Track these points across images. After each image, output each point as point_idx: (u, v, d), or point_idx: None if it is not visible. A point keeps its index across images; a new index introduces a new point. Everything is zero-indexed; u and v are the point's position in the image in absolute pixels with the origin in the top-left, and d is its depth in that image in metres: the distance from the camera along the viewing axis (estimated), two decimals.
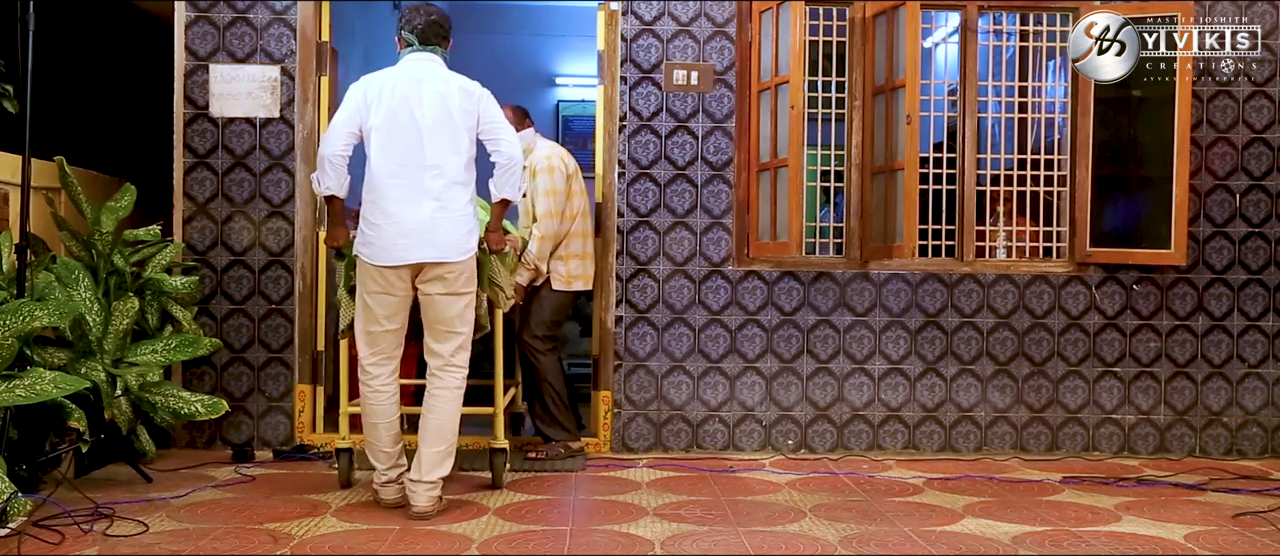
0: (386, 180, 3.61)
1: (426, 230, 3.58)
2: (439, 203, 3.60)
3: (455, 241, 3.62)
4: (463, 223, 3.64)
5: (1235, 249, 4.99)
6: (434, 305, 3.66)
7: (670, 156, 4.87)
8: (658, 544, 3.31)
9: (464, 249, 3.64)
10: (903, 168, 4.57)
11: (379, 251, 3.61)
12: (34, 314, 3.50)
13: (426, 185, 3.60)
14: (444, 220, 3.60)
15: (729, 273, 4.88)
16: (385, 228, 3.60)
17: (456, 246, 3.62)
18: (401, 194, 3.60)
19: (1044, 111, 5.08)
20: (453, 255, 3.61)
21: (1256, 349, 4.99)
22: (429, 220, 3.58)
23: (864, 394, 4.91)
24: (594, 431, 4.90)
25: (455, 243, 3.62)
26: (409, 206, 3.59)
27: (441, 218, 3.60)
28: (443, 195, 3.61)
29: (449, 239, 3.61)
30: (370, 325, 3.69)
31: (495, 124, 3.73)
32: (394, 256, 3.59)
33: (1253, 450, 4.99)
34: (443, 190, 3.61)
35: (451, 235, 3.61)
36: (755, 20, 4.83)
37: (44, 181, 4.30)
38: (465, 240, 3.64)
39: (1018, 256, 5.05)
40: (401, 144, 3.60)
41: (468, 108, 3.66)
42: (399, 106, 3.61)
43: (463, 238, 3.64)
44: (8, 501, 3.21)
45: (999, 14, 5.07)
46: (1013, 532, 3.53)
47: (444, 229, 3.60)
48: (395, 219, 3.59)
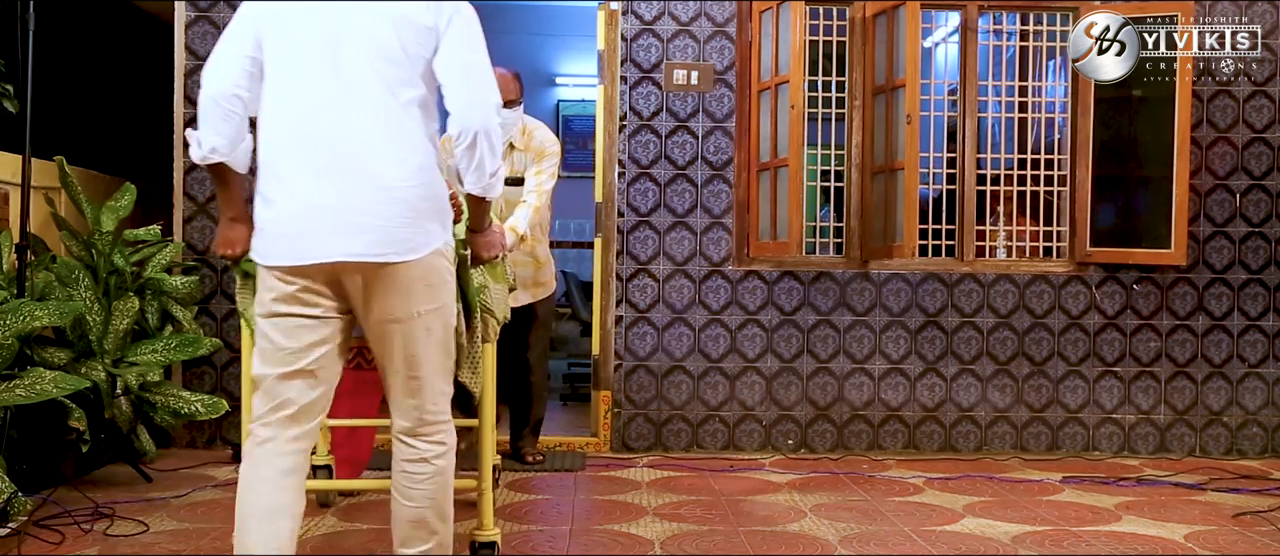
0: (288, 130, 2.30)
1: (355, 210, 2.25)
2: (376, 170, 2.26)
3: (406, 229, 2.28)
4: (418, 200, 2.30)
5: (1235, 249, 4.99)
6: (386, 337, 2.34)
7: (670, 156, 4.87)
8: (658, 544, 3.31)
9: (422, 241, 2.31)
10: (903, 167, 4.57)
11: (276, 243, 2.29)
12: (34, 314, 3.50)
13: (353, 138, 2.27)
14: (385, 196, 2.26)
15: (729, 272, 4.88)
16: (283, 205, 2.28)
17: (408, 239, 2.28)
18: (313, 149, 2.27)
19: (1044, 111, 5.08)
20: (402, 251, 2.28)
21: (1256, 348, 4.99)
22: (359, 195, 2.26)
23: (864, 393, 4.91)
24: (594, 431, 4.90)
25: (406, 232, 2.28)
26: (326, 176, 2.25)
27: (380, 193, 2.26)
28: (382, 156, 2.27)
29: (394, 225, 2.27)
30: (268, 364, 2.32)
31: (462, 57, 2.36)
32: (299, 251, 2.27)
33: (1253, 450, 4.99)
34: (383, 149, 2.27)
35: (398, 217, 2.27)
36: (755, 20, 4.83)
37: (44, 181, 4.30)
38: (423, 227, 2.31)
39: (1018, 256, 5.05)
40: (315, 76, 2.30)
41: (423, 24, 2.32)
42: (312, 25, 2.32)
43: (420, 223, 2.31)
44: (8, 501, 3.21)
45: (999, 14, 5.07)
46: (1013, 532, 3.53)
47: (385, 208, 2.26)
48: (300, 192, 2.26)
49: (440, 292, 2.39)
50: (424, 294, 2.34)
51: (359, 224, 2.25)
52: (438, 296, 2.38)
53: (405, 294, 2.32)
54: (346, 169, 2.26)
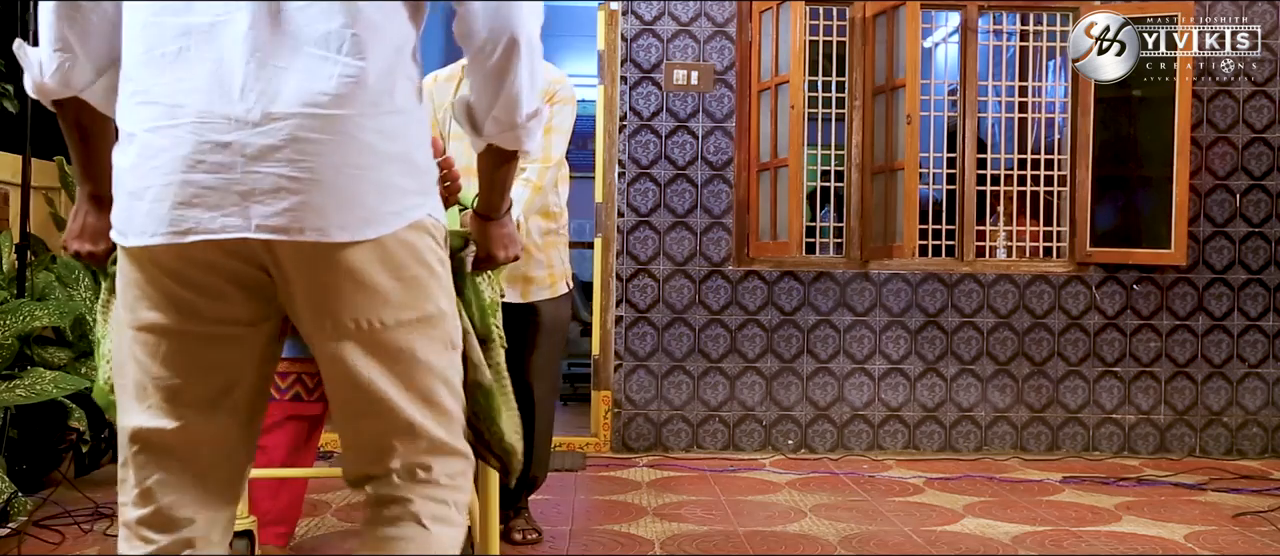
0: (155, 23, 1.39)
1: (268, 154, 1.35)
2: (303, 87, 1.36)
3: (357, 185, 1.38)
4: (381, 140, 1.40)
5: (1235, 249, 4.99)
6: (341, 363, 1.45)
7: (670, 156, 4.87)
8: (658, 544, 3.31)
9: (388, 208, 1.41)
10: (903, 168, 4.58)
11: (138, 210, 1.39)
12: (34, 314, 3.51)
13: (264, 36, 1.36)
14: (319, 129, 1.36)
15: (729, 272, 4.88)
16: (150, 147, 1.37)
17: (360, 203, 1.39)
18: (198, 55, 1.37)
19: (1044, 111, 5.08)
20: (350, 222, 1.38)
21: (1257, 349, 4.99)
22: (276, 129, 1.35)
23: (864, 394, 4.91)
24: (594, 431, 4.91)
25: (357, 190, 1.38)
26: (219, 97, 1.35)
27: (311, 124, 1.35)
28: (313, 66, 1.36)
29: (337, 179, 1.37)
30: (138, 410, 1.46)
31: None
32: (178, 222, 1.36)
33: (1253, 450, 4.99)
34: (315, 49, 1.37)
35: (343, 165, 1.37)
36: (755, 20, 4.83)
37: (44, 181, 4.30)
38: (388, 184, 1.41)
39: (1018, 256, 5.05)
40: None
41: None
42: None
43: (382, 177, 1.40)
44: (8, 501, 3.21)
45: (999, 14, 5.08)
46: (1013, 532, 3.53)
47: (321, 151, 1.36)
48: (176, 125, 1.36)
49: (428, 291, 1.45)
50: (398, 293, 1.41)
51: (277, 178, 1.33)
52: (422, 297, 1.44)
53: (362, 295, 1.40)
54: (254, 87, 1.33)
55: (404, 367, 1.46)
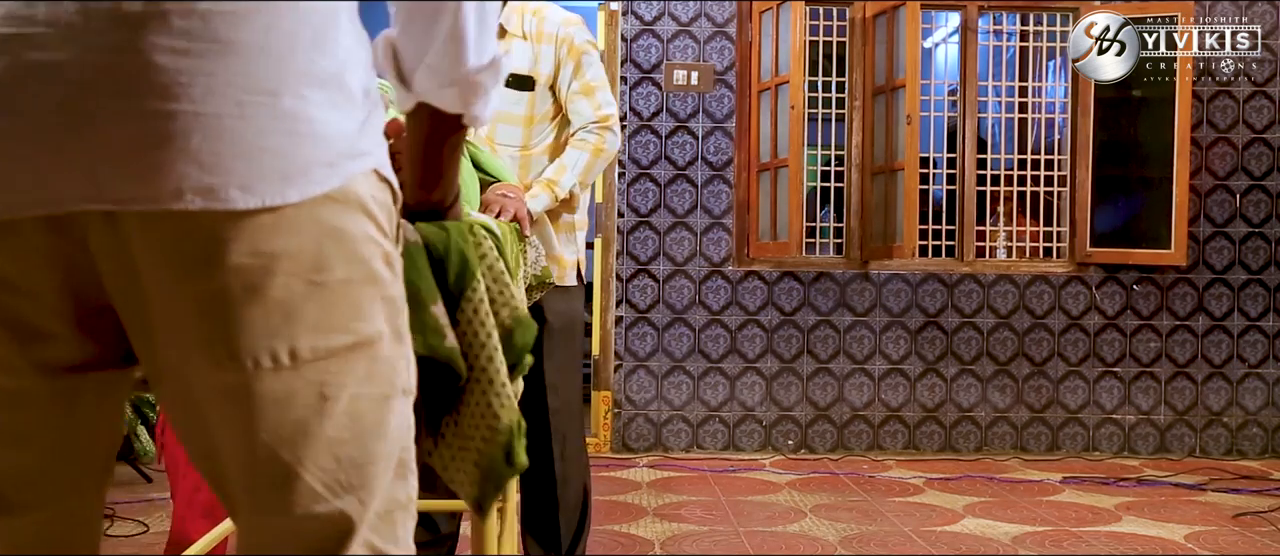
0: None
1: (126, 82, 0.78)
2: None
3: (257, 123, 0.81)
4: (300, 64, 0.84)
5: (1235, 249, 4.98)
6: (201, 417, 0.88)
7: (670, 156, 4.87)
8: (658, 544, 3.31)
9: (308, 160, 0.83)
10: (903, 168, 4.58)
11: None
12: None
13: None
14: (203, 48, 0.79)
15: (729, 273, 4.88)
16: None
17: (261, 152, 0.81)
18: None
19: (1044, 111, 5.08)
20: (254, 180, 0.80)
21: (1256, 349, 4.99)
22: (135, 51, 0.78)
23: (864, 394, 4.91)
24: (594, 431, 4.91)
25: (260, 137, 0.81)
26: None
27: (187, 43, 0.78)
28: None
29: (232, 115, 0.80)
30: None
31: None
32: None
33: (1253, 450, 4.99)
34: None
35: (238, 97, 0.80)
36: (755, 20, 4.83)
37: None
38: (304, 125, 0.83)
39: (1018, 257, 5.05)
40: None
41: None
42: None
43: (298, 114, 0.83)
44: None
45: (999, 14, 5.07)
46: (1013, 532, 3.53)
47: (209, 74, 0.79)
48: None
49: (351, 301, 0.89)
50: (310, 303, 0.87)
51: (143, 117, 0.80)
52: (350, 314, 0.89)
53: (268, 306, 0.85)
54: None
55: (323, 426, 0.88)
